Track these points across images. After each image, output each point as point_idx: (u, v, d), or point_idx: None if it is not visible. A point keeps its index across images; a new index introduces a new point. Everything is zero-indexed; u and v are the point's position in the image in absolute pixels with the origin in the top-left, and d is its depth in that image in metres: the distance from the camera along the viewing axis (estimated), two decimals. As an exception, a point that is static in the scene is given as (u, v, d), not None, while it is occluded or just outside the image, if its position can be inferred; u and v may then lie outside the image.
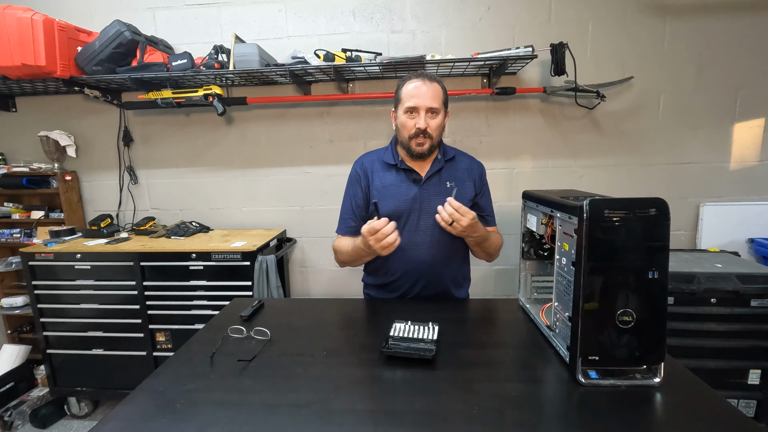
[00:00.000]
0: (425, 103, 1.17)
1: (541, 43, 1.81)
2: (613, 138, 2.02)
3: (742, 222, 1.98)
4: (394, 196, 1.25)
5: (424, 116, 1.18)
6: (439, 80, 1.22)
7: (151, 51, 1.90)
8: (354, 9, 2.00)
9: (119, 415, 0.71)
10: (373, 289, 1.38)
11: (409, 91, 1.19)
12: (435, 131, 1.21)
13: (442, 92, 1.22)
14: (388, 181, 1.28)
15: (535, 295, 1.15)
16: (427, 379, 0.80)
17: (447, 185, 1.27)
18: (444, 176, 1.28)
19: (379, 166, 1.31)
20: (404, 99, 1.21)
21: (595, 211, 0.72)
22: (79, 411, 2.06)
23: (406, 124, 1.21)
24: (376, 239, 1.05)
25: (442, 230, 1.20)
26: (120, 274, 1.85)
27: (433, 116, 1.20)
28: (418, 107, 1.18)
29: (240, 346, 0.95)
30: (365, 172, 1.32)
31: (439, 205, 1.11)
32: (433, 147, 1.24)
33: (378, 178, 1.30)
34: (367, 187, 1.30)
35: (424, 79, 1.20)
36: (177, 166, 2.23)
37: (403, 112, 1.21)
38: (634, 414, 0.69)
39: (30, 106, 2.22)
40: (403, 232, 1.24)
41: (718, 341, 1.53)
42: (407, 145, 1.23)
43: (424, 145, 1.21)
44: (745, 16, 1.86)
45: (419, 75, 1.21)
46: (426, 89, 1.18)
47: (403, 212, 1.25)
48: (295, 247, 2.25)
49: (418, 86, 1.19)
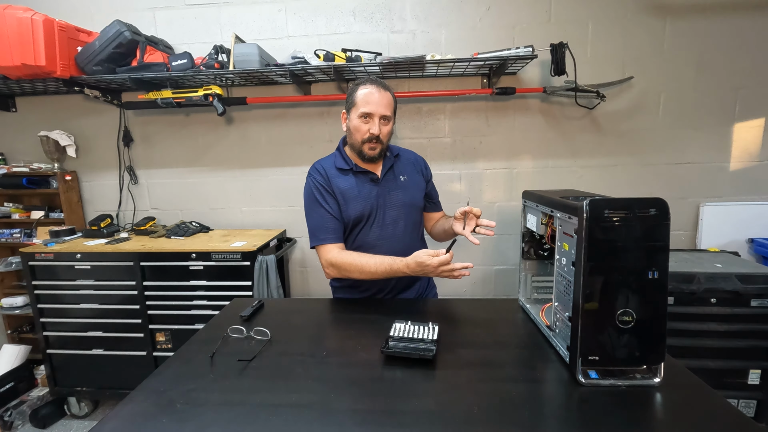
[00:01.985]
0: (379, 111, 1.22)
1: (541, 43, 1.81)
2: (613, 138, 2.02)
3: (742, 222, 1.98)
4: (357, 199, 1.28)
5: (378, 123, 1.22)
6: (390, 89, 1.28)
7: (151, 51, 1.90)
8: (354, 9, 2.00)
9: (119, 415, 0.71)
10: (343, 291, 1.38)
11: (364, 96, 1.23)
12: (386, 137, 1.27)
13: (393, 101, 1.28)
14: (348, 185, 1.29)
15: (535, 295, 1.15)
16: (427, 379, 0.80)
17: (401, 179, 1.35)
18: (396, 171, 1.36)
19: (334, 172, 1.31)
20: (359, 104, 1.23)
21: (595, 211, 0.72)
22: (79, 411, 2.06)
23: (360, 128, 1.24)
24: (450, 269, 1.07)
25: (406, 220, 1.31)
26: (120, 274, 1.85)
27: (385, 123, 1.25)
28: (373, 114, 1.22)
29: (240, 346, 0.95)
30: (326, 178, 1.29)
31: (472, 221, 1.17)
32: (383, 152, 1.30)
33: (336, 183, 1.29)
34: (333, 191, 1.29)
35: (378, 86, 1.24)
36: (177, 166, 2.23)
37: (357, 116, 1.24)
38: (634, 414, 0.69)
39: (30, 106, 2.22)
40: (371, 229, 1.29)
41: (718, 341, 1.53)
42: (359, 148, 1.26)
43: (375, 149, 1.26)
44: (745, 16, 1.86)
45: (373, 82, 1.25)
46: (380, 97, 1.22)
47: (370, 212, 1.29)
48: (295, 247, 2.25)
49: (372, 93, 1.22)
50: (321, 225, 1.27)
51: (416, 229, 1.38)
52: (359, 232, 1.30)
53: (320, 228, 1.27)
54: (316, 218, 1.28)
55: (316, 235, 1.28)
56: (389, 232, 1.30)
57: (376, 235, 1.29)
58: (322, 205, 1.27)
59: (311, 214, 1.30)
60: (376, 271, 1.20)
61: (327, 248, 1.25)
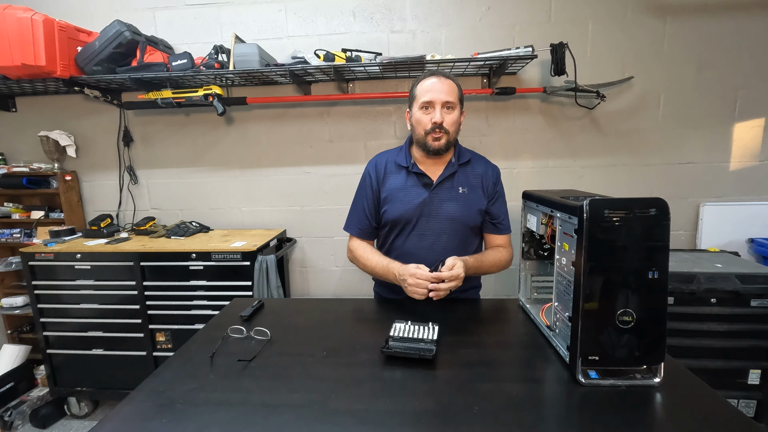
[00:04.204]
0: (440, 98, 1.17)
1: (541, 43, 1.81)
2: (613, 138, 2.02)
3: (742, 222, 1.98)
4: (402, 201, 1.25)
5: (439, 110, 1.17)
6: (455, 78, 1.23)
7: (151, 51, 1.90)
8: (354, 9, 2.00)
9: (119, 415, 0.71)
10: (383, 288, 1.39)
11: (425, 87, 1.19)
12: (451, 126, 1.19)
13: (458, 89, 1.21)
14: (398, 184, 1.27)
15: (535, 295, 1.15)
16: (427, 379, 0.80)
17: (459, 190, 1.25)
18: (456, 181, 1.26)
19: (392, 167, 1.30)
20: (419, 95, 1.20)
21: (595, 211, 0.72)
22: (79, 411, 2.06)
23: (421, 120, 1.19)
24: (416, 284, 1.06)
25: (451, 235, 1.22)
26: (120, 274, 1.85)
27: (449, 111, 1.19)
28: (434, 101, 1.17)
29: (240, 346, 0.95)
30: (377, 174, 1.31)
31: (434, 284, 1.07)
32: (449, 144, 1.21)
33: (389, 180, 1.29)
34: (378, 190, 1.30)
35: (440, 76, 1.20)
36: (177, 166, 2.23)
37: (418, 108, 1.20)
38: (634, 414, 0.69)
39: (30, 106, 2.22)
40: (409, 236, 1.25)
41: (718, 341, 1.53)
42: (423, 141, 1.21)
43: (440, 139, 1.18)
44: (745, 16, 1.86)
45: (434, 73, 1.22)
46: (441, 85, 1.18)
47: (411, 217, 1.24)
48: (295, 247, 2.25)
49: (433, 83, 1.19)
50: (355, 218, 1.35)
51: (464, 248, 1.26)
52: (396, 236, 1.27)
53: (354, 220, 1.36)
54: (355, 210, 1.36)
55: (349, 222, 1.37)
56: (428, 243, 1.24)
57: (414, 244, 1.23)
58: (363, 201, 1.33)
59: (355, 203, 1.37)
60: (374, 267, 1.22)
61: (352, 239, 1.36)
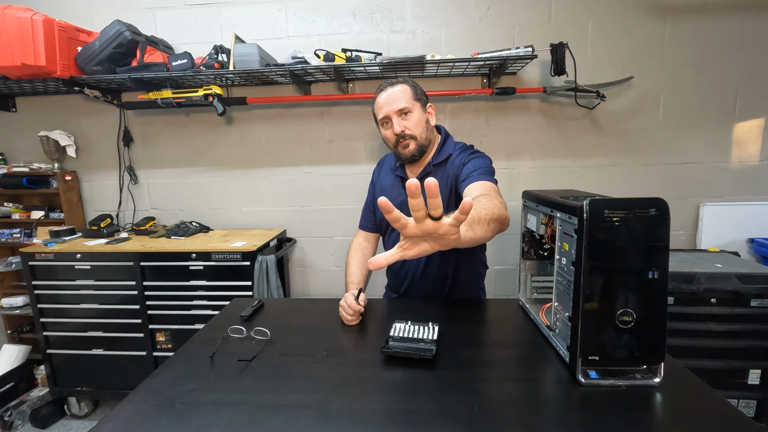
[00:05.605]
0: (393, 108, 1.16)
1: (541, 43, 1.81)
2: (613, 138, 2.02)
3: (742, 222, 1.98)
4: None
5: (396, 120, 1.16)
6: (405, 80, 1.20)
7: (151, 51, 1.90)
8: (354, 9, 2.00)
9: (119, 415, 0.71)
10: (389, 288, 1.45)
11: (378, 104, 1.20)
12: (416, 128, 1.17)
13: (410, 89, 1.18)
14: (387, 184, 1.32)
15: (535, 295, 1.15)
16: (427, 379, 0.80)
17: None
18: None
19: (387, 168, 1.37)
20: (377, 114, 1.22)
21: (595, 211, 0.72)
22: (79, 411, 2.06)
23: (387, 136, 1.22)
24: (344, 310, 1.08)
25: None
26: (120, 274, 1.85)
27: (406, 116, 1.17)
28: (388, 115, 1.18)
29: (240, 346, 0.95)
30: (378, 174, 1.40)
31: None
32: (423, 147, 1.19)
33: (382, 179, 1.36)
34: (375, 188, 1.39)
35: (387, 87, 1.19)
36: (177, 166, 2.23)
37: (381, 126, 1.23)
38: (634, 414, 0.69)
39: (30, 106, 2.22)
40: (394, 236, 1.29)
41: (718, 341, 1.53)
42: (397, 152, 1.24)
43: (409, 145, 1.18)
44: (745, 16, 1.86)
45: (381, 87, 1.20)
46: (391, 96, 1.17)
47: None
48: (295, 247, 2.25)
49: (383, 97, 1.18)
50: (363, 212, 1.45)
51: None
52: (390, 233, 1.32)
53: (362, 214, 1.45)
54: (364, 204, 1.45)
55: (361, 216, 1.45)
56: None
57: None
58: (369, 196, 1.43)
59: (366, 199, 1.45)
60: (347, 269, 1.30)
61: (357, 232, 1.44)
